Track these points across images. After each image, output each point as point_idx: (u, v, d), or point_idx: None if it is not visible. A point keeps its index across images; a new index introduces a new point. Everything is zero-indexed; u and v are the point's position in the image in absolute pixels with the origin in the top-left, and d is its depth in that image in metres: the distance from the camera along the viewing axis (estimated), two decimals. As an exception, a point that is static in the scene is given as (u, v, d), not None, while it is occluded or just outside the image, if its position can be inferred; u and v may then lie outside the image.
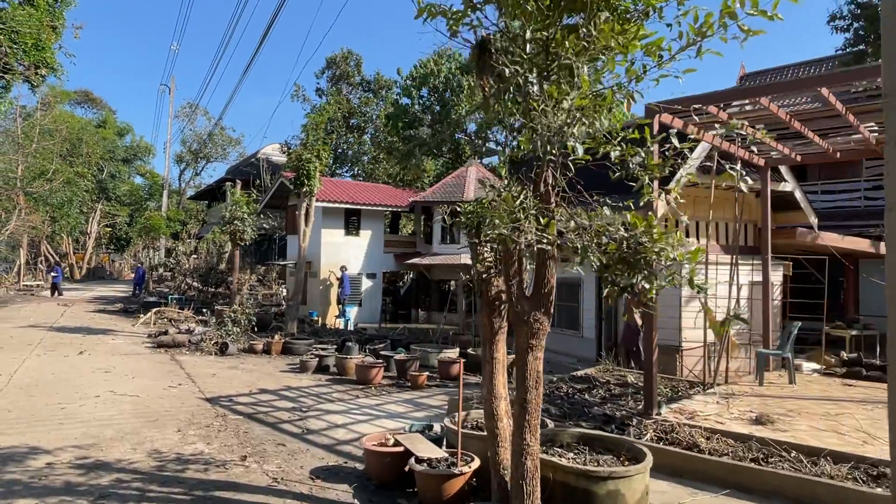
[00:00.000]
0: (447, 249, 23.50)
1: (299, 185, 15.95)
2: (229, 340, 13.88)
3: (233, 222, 15.57)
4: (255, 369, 11.64)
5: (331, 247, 22.58)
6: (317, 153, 16.02)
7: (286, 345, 13.92)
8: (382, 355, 11.98)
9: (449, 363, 11.15)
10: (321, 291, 22.33)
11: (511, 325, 10.77)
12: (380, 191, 25.92)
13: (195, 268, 31.34)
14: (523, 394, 4.18)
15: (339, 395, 9.52)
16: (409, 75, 29.99)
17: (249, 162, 45.39)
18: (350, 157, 41.71)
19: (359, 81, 43.18)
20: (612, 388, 9.04)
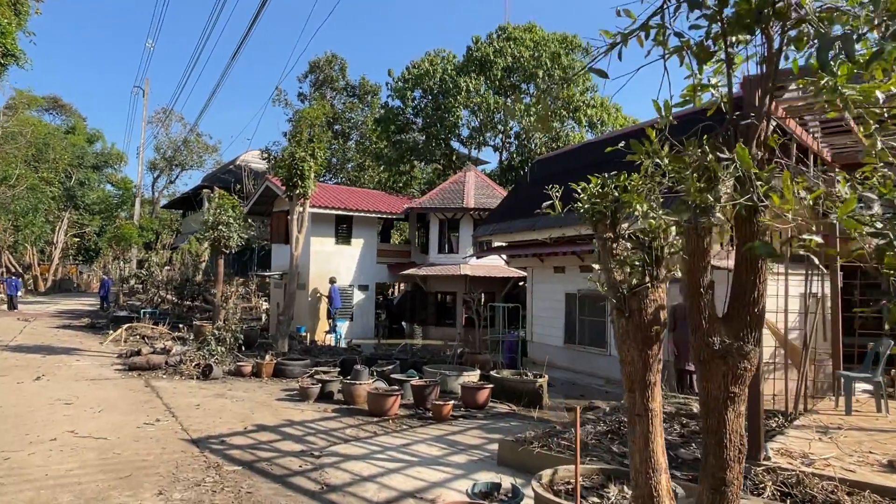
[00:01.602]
0: (445, 259, 22.00)
1: (292, 188, 14.30)
2: (213, 362, 12.13)
3: (216, 228, 13.83)
4: (247, 397, 9.93)
5: (320, 256, 20.90)
6: (311, 151, 14.40)
7: (278, 366, 12.21)
8: (394, 379, 10.38)
9: (475, 389, 9.58)
10: (309, 305, 20.60)
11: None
12: (372, 197, 24.33)
13: (169, 280, 29.31)
14: (720, 471, 2.67)
15: (353, 431, 7.88)
16: (401, 77, 28.56)
17: (228, 169, 43.39)
18: (334, 164, 40.06)
19: (343, 86, 41.70)
20: (682, 421, 7.57)
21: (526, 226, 15.10)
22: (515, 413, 9.50)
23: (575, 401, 10.94)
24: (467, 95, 25.91)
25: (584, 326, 13.92)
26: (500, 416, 9.18)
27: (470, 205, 21.34)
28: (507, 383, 10.29)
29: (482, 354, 12.25)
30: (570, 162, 16.45)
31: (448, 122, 26.30)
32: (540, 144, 26.42)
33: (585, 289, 13.90)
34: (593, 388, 12.28)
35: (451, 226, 22.29)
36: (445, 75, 26.86)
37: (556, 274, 14.99)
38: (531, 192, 16.81)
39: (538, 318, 15.40)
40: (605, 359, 13.15)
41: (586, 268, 13.95)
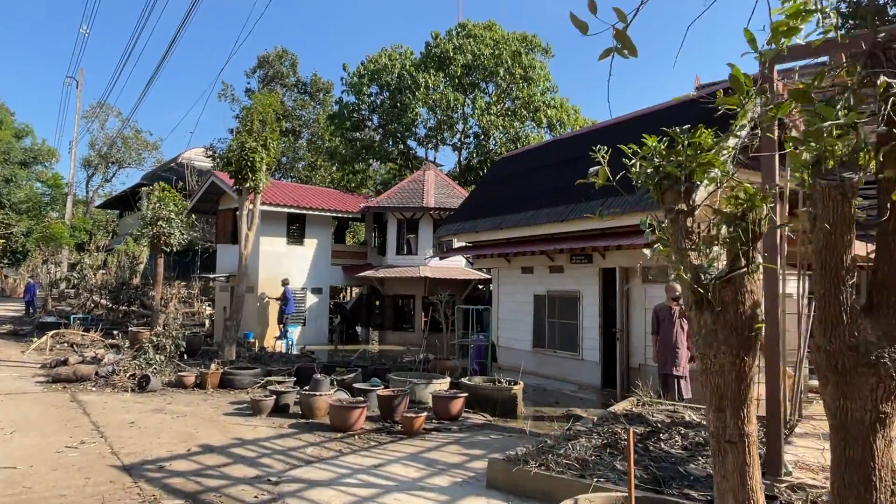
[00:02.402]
0: (403, 261, 21.11)
1: (241, 181, 13.14)
2: (151, 372, 10.87)
3: (156, 223, 12.53)
4: (190, 412, 8.79)
5: (271, 257, 19.64)
6: (264, 142, 13.29)
7: (225, 376, 11.06)
8: (357, 389, 9.43)
9: (448, 399, 8.75)
10: (258, 309, 19.32)
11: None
12: (326, 195, 23.19)
13: (104, 284, 27.28)
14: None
15: (315, 450, 6.92)
16: (357, 72, 27.51)
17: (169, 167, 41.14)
18: (285, 163, 38.56)
19: (294, 83, 40.27)
20: (682, 432, 6.95)
21: (492, 225, 14.40)
22: (492, 424, 8.72)
23: (550, 408, 10.26)
24: (426, 92, 25.10)
25: (554, 329, 13.30)
26: (477, 428, 8.38)
27: (430, 204, 20.53)
28: (481, 391, 9.51)
29: (450, 360, 11.44)
30: (536, 160, 15.88)
31: (406, 119, 25.41)
32: (500, 144, 25.87)
33: (556, 289, 13.29)
34: (566, 394, 11.64)
35: (409, 226, 21.41)
36: (404, 71, 25.98)
37: (524, 275, 14.33)
38: (496, 191, 16.15)
39: (504, 320, 14.71)
40: (577, 363, 12.55)
41: (556, 268, 13.34)
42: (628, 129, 13.10)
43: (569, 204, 12.44)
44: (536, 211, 13.29)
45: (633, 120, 13.17)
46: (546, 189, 13.79)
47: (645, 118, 12.81)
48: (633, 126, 13.02)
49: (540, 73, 25.84)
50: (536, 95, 25.68)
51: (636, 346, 11.23)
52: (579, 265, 12.66)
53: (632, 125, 13.11)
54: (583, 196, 12.27)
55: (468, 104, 26.08)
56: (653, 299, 11.05)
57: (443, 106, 25.23)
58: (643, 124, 13.18)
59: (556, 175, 14.03)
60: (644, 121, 12.78)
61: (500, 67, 24.89)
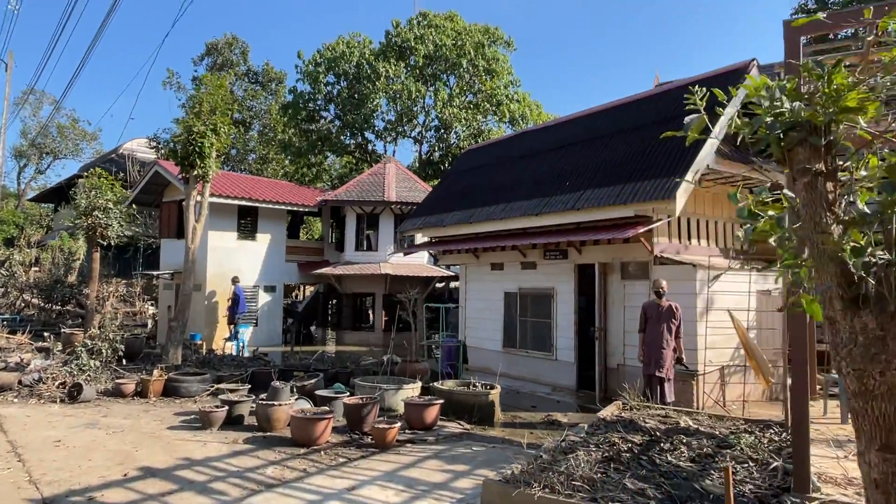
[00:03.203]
0: (363, 257, 20.19)
1: (188, 168, 11.99)
2: (84, 380, 9.68)
3: (91, 213, 11.25)
4: (129, 426, 7.72)
5: (220, 252, 18.37)
6: (213, 126, 12.17)
7: (170, 383, 9.95)
8: (320, 396, 8.53)
9: (422, 407, 7.97)
10: (206, 309, 18.03)
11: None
12: (280, 187, 21.98)
13: (36, 282, 25.25)
14: None
15: (277, 470, 6.03)
16: (313, 59, 26.31)
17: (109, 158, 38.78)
18: (234, 156, 36.87)
19: (245, 72, 38.59)
20: (684, 441, 6.37)
21: (461, 218, 13.69)
22: (470, 433, 7.99)
23: (528, 413, 9.62)
24: (387, 82, 24.13)
25: (525, 328, 12.69)
26: (455, 439, 7.63)
27: (391, 198, 19.65)
28: (456, 397, 8.77)
29: (419, 363, 10.64)
30: (506, 151, 15.25)
31: (366, 110, 24.38)
32: (463, 138, 25.17)
33: (528, 287, 12.68)
34: (541, 396, 11.04)
35: (369, 221, 20.47)
36: (362, 60, 24.93)
37: (493, 271, 13.67)
38: (463, 184, 15.45)
39: (472, 319, 14.02)
40: (551, 364, 11.97)
41: (529, 264, 12.73)
42: (602, 119, 12.60)
43: (543, 197, 11.85)
44: (508, 204, 12.65)
45: (607, 112, 12.68)
46: (518, 181, 13.17)
47: (621, 108, 12.33)
48: (607, 117, 12.54)
49: (503, 66, 25.29)
50: (500, 89, 25.10)
51: (615, 345, 10.72)
52: (553, 261, 12.08)
53: (605, 117, 12.62)
54: (557, 189, 11.71)
55: (430, 95, 25.28)
56: (632, 296, 10.56)
57: (404, 97, 24.33)
58: (619, 115, 12.76)
59: (527, 167, 13.42)
60: (620, 111, 12.31)
61: (463, 59, 24.19)
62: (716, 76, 10.77)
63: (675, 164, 9.58)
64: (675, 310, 8.60)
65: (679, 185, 9.08)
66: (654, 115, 11.11)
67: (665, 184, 9.35)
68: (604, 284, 10.83)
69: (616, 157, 10.99)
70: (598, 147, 11.77)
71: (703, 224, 11.16)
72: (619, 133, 11.57)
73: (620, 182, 10.27)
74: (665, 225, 10.23)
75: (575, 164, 11.90)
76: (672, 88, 11.42)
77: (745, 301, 10.11)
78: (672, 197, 9.02)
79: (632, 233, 9.43)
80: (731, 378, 10.15)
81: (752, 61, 10.46)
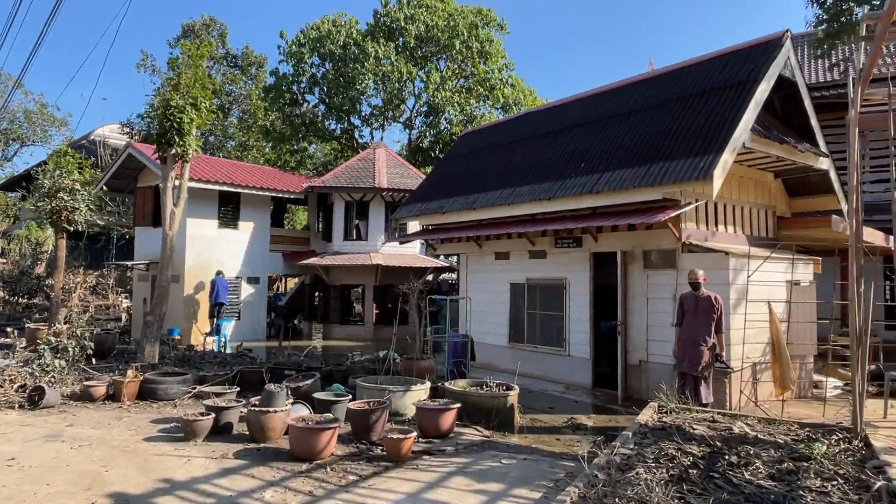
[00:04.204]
0: (352, 247, 19.16)
1: (166, 146, 10.84)
2: (47, 382, 8.55)
3: (56, 195, 10.06)
4: (98, 438, 6.65)
5: (199, 242, 17.19)
6: (193, 101, 11.02)
7: (147, 385, 8.86)
8: (318, 400, 7.52)
9: (438, 412, 7.02)
10: (185, 302, 16.86)
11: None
12: (264, 173, 20.78)
13: (1, 274, 23.74)
14: None
15: (277, 494, 5.04)
16: (296, 40, 25.02)
17: (80, 144, 36.99)
18: (213, 142, 35.40)
19: (223, 55, 37.06)
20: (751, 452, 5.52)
21: (463, 204, 12.73)
22: (491, 441, 7.07)
23: (547, 415, 8.74)
24: (376, 63, 22.95)
25: (534, 322, 11.80)
26: (476, 448, 6.70)
27: (382, 185, 18.60)
28: (471, 399, 7.83)
29: (425, 360, 9.68)
30: (510, 133, 14.28)
31: (353, 93, 23.19)
32: (455, 123, 24.14)
33: (537, 277, 11.78)
34: (554, 395, 10.17)
35: (359, 209, 19.40)
36: (349, 40, 23.71)
37: (498, 261, 12.75)
38: (464, 168, 14.48)
39: (475, 312, 13.08)
40: (563, 360, 11.10)
41: (538, 253, 11.84)
42: (620, 97, 11.71)
43: (554, 180, 10.94)
44: (515, 188, 11.72)
45: (625, 88, 11.79)
46: (525, 164, 12.25)
47: (641, 85, 11.45)
48: (625, 95, 11.65)
49: (497, 49, 24.28)
50: (494, 72, 24.09)
51: (636, 340, 9.88)
52: (566, 249, 11.19)
53: (623, 94, 11.73)
54: (570, 172, 10.81)
55: (420, 78, 24.17)
56: (656, 287, 9.72)
57: (394, 79, 23.19)
58: (639, 91, 11.87)
59: (535, 149, 12.49)
60: (640, 88, 11.44)
61: (456, 40, 23.11)
62: (746, 49, 9.94)
63: (708, 141, 8.72)
64: (715, 301, 7.75)
65: (716, 163, 8.23)
66: (680, 90, 10.24)
67: (699, 163, 8.49)
68: (624, 274, 9.97)
69: (638, 135, 10.11)
70: (616, 126, 10.88)
71: (730, 209, 10.36)
72: (640, 111, 10.69)
73: (645, 163, 9.40)
74: (691, 210, 9.39)
75: (589, 145, 11.00)
76: (699, 62, 10.56)
77: (776, 292, 9.34)
78: (708, 177, 8.16)
79: (662, 217, 8.56)
80: (761, 375, 9.38)
81: (786, 33, 9.64)
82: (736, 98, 9.05)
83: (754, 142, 9.03)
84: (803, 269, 10.15)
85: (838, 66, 15.11)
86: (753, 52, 9.75)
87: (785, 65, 9.66)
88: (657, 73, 11.37)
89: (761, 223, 11.05)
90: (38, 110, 48.32)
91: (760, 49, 9.69)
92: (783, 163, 10.36)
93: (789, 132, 10.60)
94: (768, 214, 11.23)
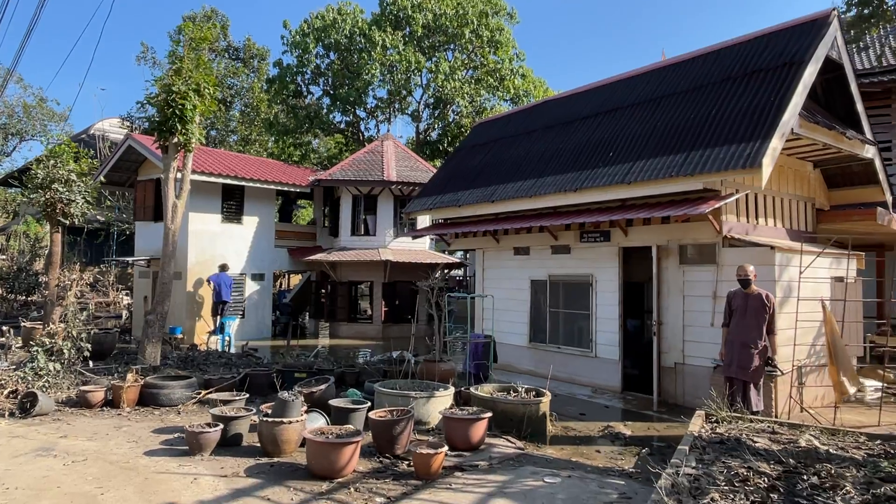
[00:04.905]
0: (360, 243, 18.53)
1: (167, 135, 10.19)
2: (41, 387, 7.93)
3: (50, 186, 9.42)
4: (94, 452, 6.02)
5: (203, 237, 16.56)
6: (196, 86, 10.37)
7: (148, 389, 8.22)
8: (335, 408, 6.88)
9: (467, 422, 6.38)
10: (187, 299, 16.24)
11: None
12: (269, 166, 20.12)
13: (-1, 270, 23.12)
14: None
15: (296, 520, 4.40)
16: (300, 29, 24.32)
17: (80, 139, 36.40)
18: (214, 136, 34.74)
19: (224, 47, 36.35)
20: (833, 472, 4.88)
21: (480, 197, 12.08)
22: (526, 453, 6.43)
23: (579, 422, 8.11)
24: (383, 52, 22.25)
25: (557, 321, 11.17)
26: (512, 463, 6.06)
27: (391, 178, 17.93)
28: (501, 406, 7.19)
29: (444, 362, 9.04)
30: (525, 122, 13.62)
31: (360, 83, 22.48)
32: (465, 114, 23.45)
33: (560, 274, 11.14)
34: (582, 399, 9.54)
35: (367, 203, 18.75)
36: (355, 29, 23.00)
37: (517, 256, 12.10)
38: (478, 159, 13.81)
39: (491, 310, 12.43)
40: (589, 361, 10.47)
41: (561, 248, 11.19)
42: (650, 81, 11.04)
43: (581, 171, 10.28)
44: (537, 180, 11.06)
45: (656, 72, 11.12)
46: (547, 154, 11.59)
47: (674, 68, 10.77)
48: (656, 79, 10.98)
49: (507, 38, 23.58)
50: (505, 62, 23.38)
51: (671, 341, 9.23)
52: (592, 244, 10.54)
53: (653, 78, 11.06)
54: (598, 161, 10.14)
55: (430, 68, 23.44)
56: (693, 284, 9.07)
57: (401, 69, 22.48)
58: (672, 75, 11.19)
59: (557, 138, 11.83)
60: (672, 72, 10.76)
61: (466, 28, 22.41)
62: (789, 29, 9.26)
63: (753, 126, 8.05)
64: (767, 300, 7.10)
65: (765, 150, 7.56)
66: (718, 73, 9.57)
67: (744, 150, 7.83)
68: (658, 270, 9.32)
69: (673, 122, 9.44)
70: (647, 112, 10.21)
71: (770, 201, 9.70)
72: (673, 95, 10.02)
73: (682, 150, 8.74)
74: (731, 202, 8.74)
75: (618, 133, 10.33)
76: (736, 44, 9.89)
77: (820, 289, 8.69)
78: (757, 165, 7.49)
79: (706, 208, 7.90)
80: (806, 378, 8.73)
81: (833, 11, 8.97)
82: (782, 80, 8.38)
83: (802, 127, 8.36)
84: (847, 265, 9.50)
85: (867, 52, 14.46)
86: (797, 32, 9.08)
87: (832, 45, 9.00)
88: (690, 56, 10.68)
89: (800, 216, 10.40)
90: (37, 104, 47.69)
91: (805, 28, 9.02)
92: (826, 151, 9.70)
93: (832, 118, 9.93)
94: (807, 207, 10.58)
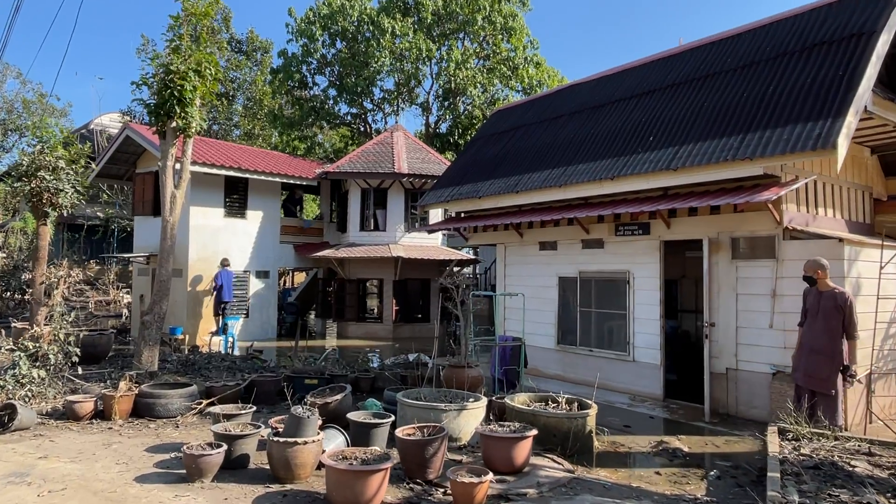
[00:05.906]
0: (369, 238, 17.66)
1: (165, 118, 9.32)
2: (22, 397, 7.08)
3: (36, 174, 8.55)
4: (78, 477, 5.15)
5: (204, 232, 15.71)
6: (197, 66, 9.51)
7: (143, 399, 7.36)
8: (353, 422, 6.00)
9: (510, 441, 5.50)
10: (189, 298, 15.40)
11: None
12: (274, 158, 19.25)
13: (-5, 267, 22.34)
14: None
15: (318, 574, 3.52)
16: (306, 17, 23.43)
17: (79, 134, 35.61)
18: (216, 130, 33.89)
19: (227, 40, 35.49)
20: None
21: (503, 188, 11.19)
22: (578, 478, 5.54)
23: (624, 436, 7.23)
24: (393, 40, 21.37)
25: (588, 322, 10.28)
26: (565, 491, 5.18)
27: (402, 170, 17.05)
28: (542, 420, 6.30)
29: (472, 367, 8.17)
30: (548, 108, 12.72)
31: (368, 72, 21.59)
32: (477, 105, 22.54)
33: (591, 270, 10.26)
34: (622, 409, 8.64)
35: (376, 197, 17.88)
36: (363, 16, 22.11)
37: (543, 252, 11.22)
38: (497, 148, 12.91)
39: (515, 310, 11.54)
40: (626, 366, 9.58)
41: (593, 242, 10.29)
42: (693, 59, 10.14)
43: (617, 157, 9.39)
44: (567, 168, 10.18)
45: (698, 49, 10.21)
46: (575, 141, 10.70)
47: (719, 45, 9.86)
48: (698, 56, 10.07)
49: (520, 25, 22.67)
50: (519, 51, 22.48)
51: (723, 344, 8.33)
52: (628, 237, 9.65)
53: (696, 55, 10.15)
54: (638, 146, 9.24)
55: (441, 56, 22.54)
56: (748, 282, 8.18)
57: (411, 57, 21.59)
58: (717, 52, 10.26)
59: (587, 123, 10.93)
60: (717, 48, 9.85)
61: (478, 15, 21.50)
62: None
63: (822, 103, 7.15)
64: (842, 300, 6.19)
65: (838, 128, 6.66)
66: (771, 48, 8.65)
67: (812, 129, 6.93)
68: (708, 266, 8.42)
69: (721, 102, 8.54)
70: (691, 92, 9.31)
71: (829, 189, 8.80)
72: (719, 74, 9.11)
73: (736, 132, 7.84)
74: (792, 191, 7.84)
75: (658, 115, 9.44)
76: (789, 16, 8.98)
77: (887, 286, 7.80)
78: (831, 146, 6.59)
79: (770, 195, 7.01)
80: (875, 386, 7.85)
81: (903, -23, 8.04)
82: (851, 52, 7.47)
83: (876, 105, 7.46)
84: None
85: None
86: (862, 2, 8.16)
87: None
88: (735, 31, 9.76)
89: (858, 206, 9.49)
90: (37, 100, 46.89)
91: None
92: (891, 134, 8.80)
93: None
94: (865, 196, 9.67)
